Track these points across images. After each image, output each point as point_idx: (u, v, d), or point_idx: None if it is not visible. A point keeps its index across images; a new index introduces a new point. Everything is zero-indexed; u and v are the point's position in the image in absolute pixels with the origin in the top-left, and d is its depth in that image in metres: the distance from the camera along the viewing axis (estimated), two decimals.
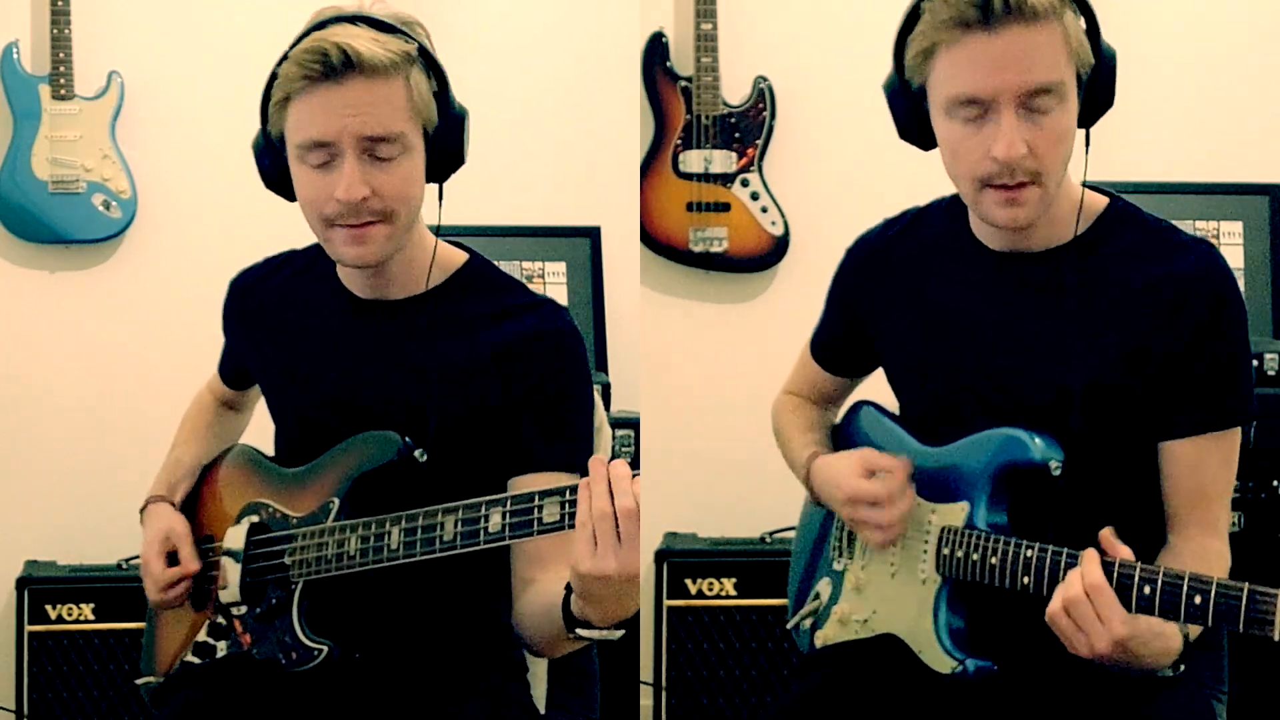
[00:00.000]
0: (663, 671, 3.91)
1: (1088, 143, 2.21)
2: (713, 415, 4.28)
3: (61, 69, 4.06)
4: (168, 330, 4.15)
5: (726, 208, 4.18)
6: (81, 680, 3.87)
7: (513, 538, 2.06)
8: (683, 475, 4.20)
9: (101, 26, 4.14)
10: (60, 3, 4.03)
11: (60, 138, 4.08)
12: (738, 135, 4.18)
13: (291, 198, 2.31)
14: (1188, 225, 3.90)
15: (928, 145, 2.25)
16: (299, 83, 2.18)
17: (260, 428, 2.61)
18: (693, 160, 4.17)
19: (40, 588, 3.88)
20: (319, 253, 2.43)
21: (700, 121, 4.17)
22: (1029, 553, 2.13)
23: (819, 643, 2.44)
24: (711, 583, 3.93)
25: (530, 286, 2.42)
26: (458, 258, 2.39)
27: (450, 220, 2.33)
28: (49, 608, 3.86)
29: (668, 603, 3.92)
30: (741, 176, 4.18)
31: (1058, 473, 2.19)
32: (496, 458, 2.27)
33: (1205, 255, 2.21)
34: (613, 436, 2.71)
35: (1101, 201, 2.28)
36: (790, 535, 2.63)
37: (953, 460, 2.29)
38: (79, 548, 4.04)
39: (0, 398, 4.18)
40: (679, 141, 4.17)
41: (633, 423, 3.83)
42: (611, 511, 1.93)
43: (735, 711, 3.91)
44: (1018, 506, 2.25)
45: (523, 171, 4.23)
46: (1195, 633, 2.14)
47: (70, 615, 3.87)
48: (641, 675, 3.93)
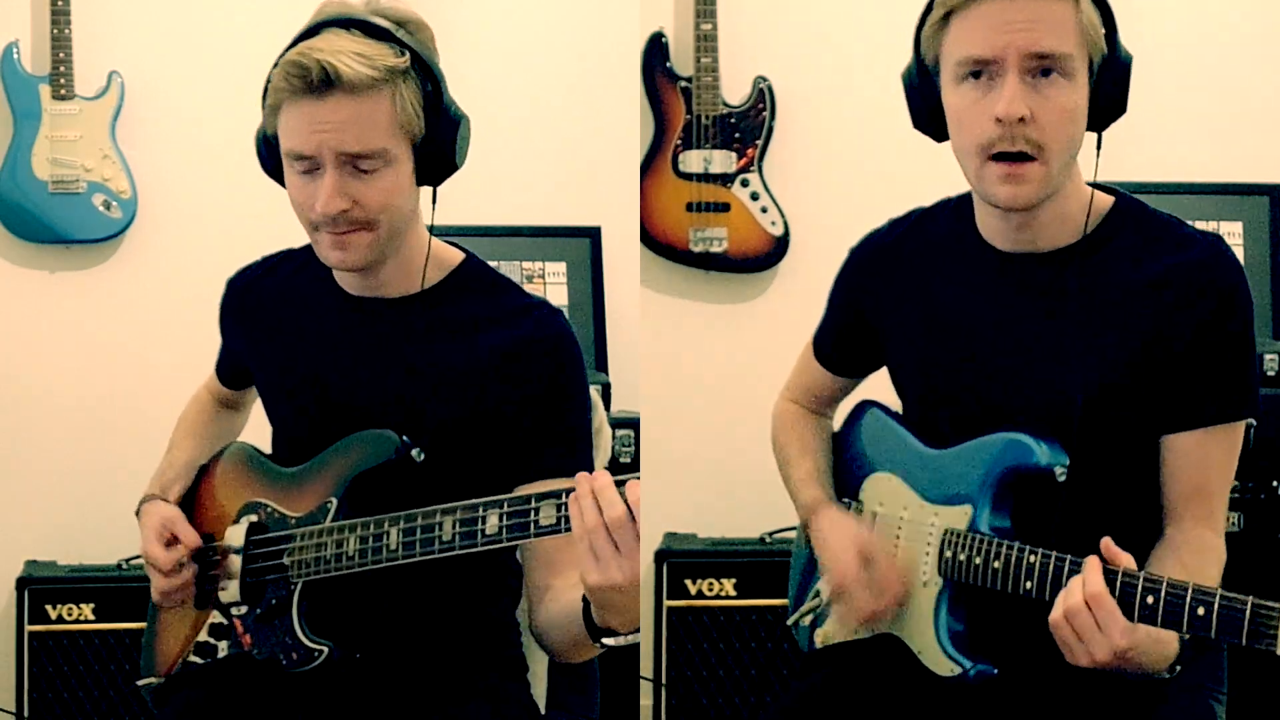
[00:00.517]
0: (663, 671, 3.91)
1: (1099, 146, 2.21)
2: (713, 415, 4.28)
3: (61, 69, 4.06)
4: (168, 330, 4.15)
5: (726, 208, 4.18)
6: (81, 680, 3.87)
7: (510, 540, 2.06)
8: (683, 475, 4.20)
9: (101, 26, 4.14)
10: (60, 3, 4.03)
11: (60, 138, 4.08)
12: (738, 135, 4.18)
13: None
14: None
15: (941, 135, 2.25)
16: (284, 93, 2.19)
17: (257, 427, 2.60)
18: (693, 160, 4.17)
19: (40, 588, 3.88)
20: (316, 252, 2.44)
21: (700, 121, 4.17)
22: (1031, 558, 2.12)
23: (819, 641, 2.44)
24: (711, 583, 3.93)
25: (531, 286, 2.42)
26: (454, 257, 2.39)
27: (451, 220, 2.33)
28: (49, 608, 3.86)
29: (668, 603, 3.93)
30: (741, 176, 4.17)
31: (1063, 478, 2.18)
32: (495, 460, 2.27)
33: (1212, 247, 2.20)
34: (613, 436, 2.70)
35: (1108, 200, 2.28)
36: (790, 535, 2.63)
37: (956, 463, 2.29)
38: (79, 548, 4.04)
39: (0, 398, 4.19)
40: (679, 141, 4.17)
41: (633, 423, 3.83)
42: (601, 523, 1.94)
43: (735, 711, 3.91)
44: (1021, 511, 2.24)
45: (523, 171, 4.23)
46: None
47: (70, 615, 3.87)
48: (641, 675, 3.93)
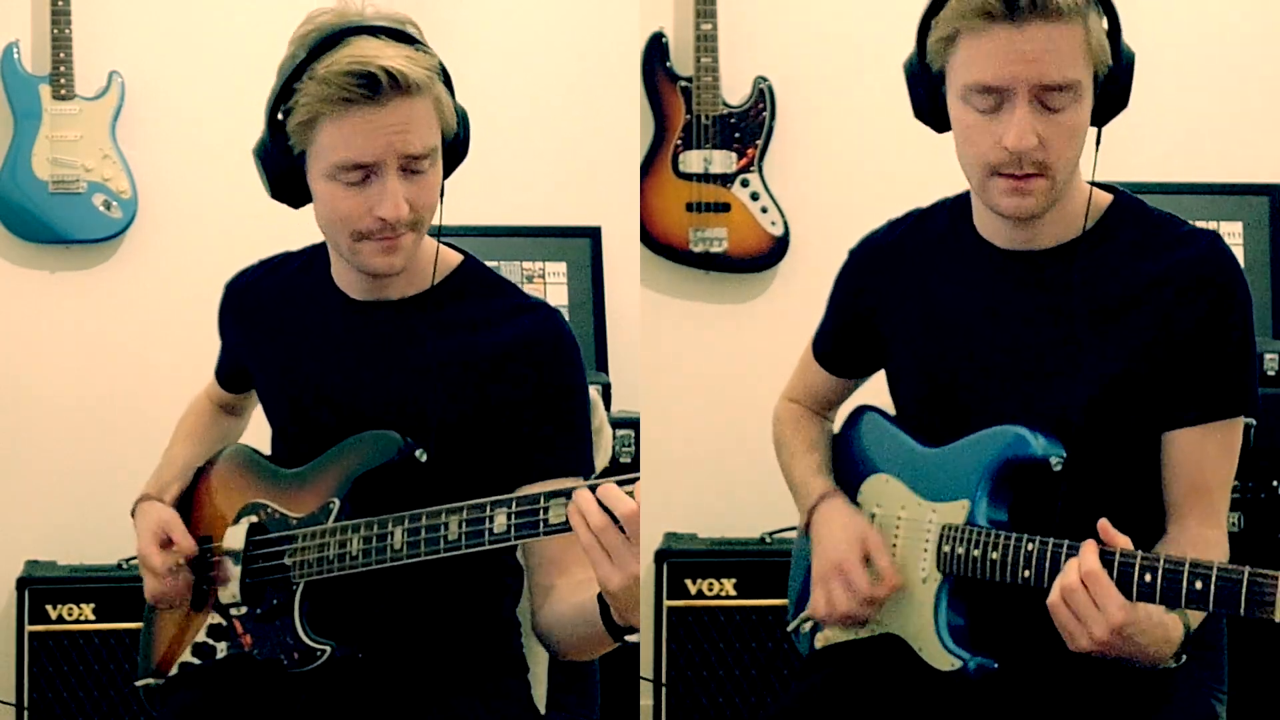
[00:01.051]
0: (663, 672, 3.91)
1: (1098, 141, 2.22)
2: (713, 415, 4.28)
3: (62, 69, 4.06)
4: (168, 330, 4.15)
5: (726, 208, 4.18)
6: (81, 680, 3.87)
7: (518, 539, 2.06)
8: (683, 475, 4.20)
9: (102, 26, 4.14)
10: (60, 3, 4.03)
11: (61, 138, 4.09)
12: (738, 135, 4.18)
13: (297, 205, 2.30)
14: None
15: (941, 128, 2.26)
16: (333, 105, 2.15)
17: (256, 429, 2.61)
18: (693, 160, 4.17)
19: (40, 588, 3.88)
20: (315, 254, 2.43)
21: (700, 121, 4.17)
22: (1029, 546, 2.13)
23: (819, 644, 2.43)
24: (711, 583, 3.93)
25: (531, 286, 2.42)
26: (453, 259, 2.39)
27: (450, 220, 2.33)
28: (49, 608, 3.86)
29: (668, 603, 3.93)
30: (741, 176, 4.18)
31: (1059, 468, 2.19)
32: (496, 460, 2.26)
33: (1210, 246, 2.21)
34: (613, 436, 2.70)
35: (1106, 198, 2.28)
36: (791, 535, 2.63)
37: (953, 459, 2.30)
38: (79, 548, 4.04)
39: (0, 398, 4.19)
40: (679, 141, 4.17)
41: (633, 423, 3.83)
42: (610, 521, 1.94)
43: (735, 711, 3.91)
44: (1019, 503, 2.25)
45: (523, 171, 4.23)
46: (1196, 622, 2.14)
47: (70, 615, 3.87)
48: (641, 675, 3.93)
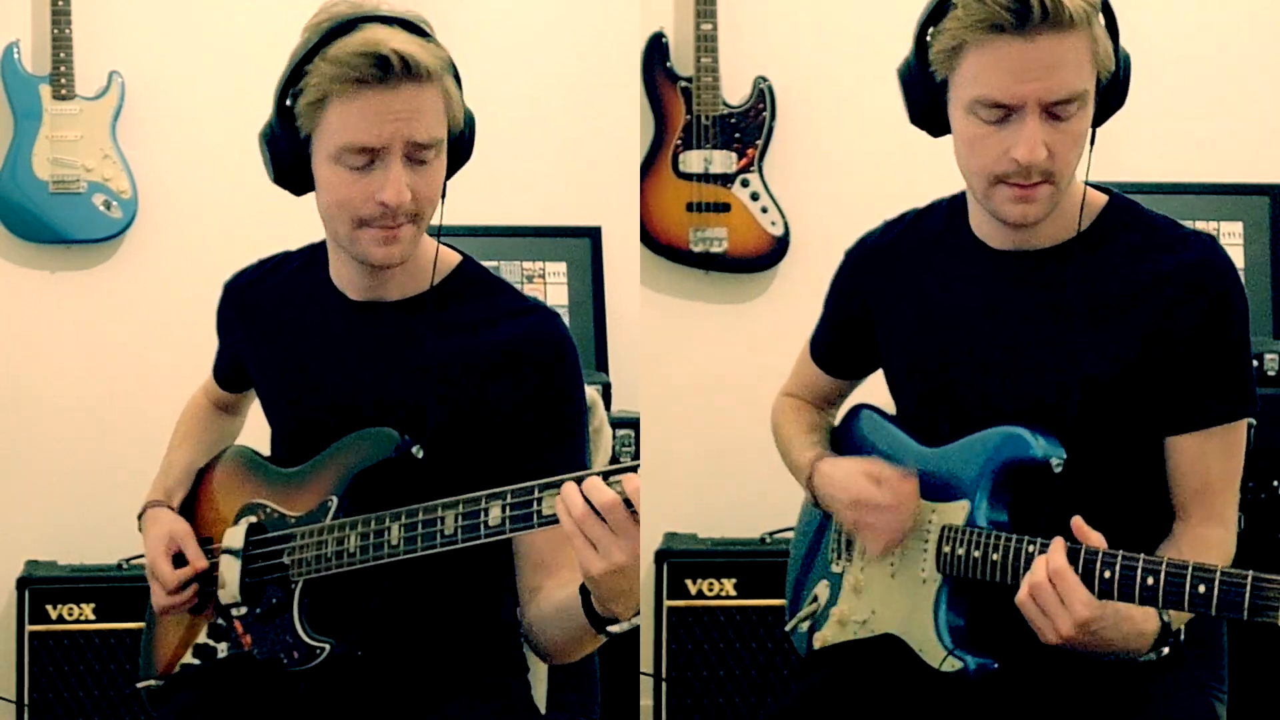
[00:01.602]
0: (663, 672, 3.91)
1: (1092, 141, 2.21)
2: (713, 415, 4.28)
3: (62, 69, 4.06)
4: (168, 330, 4.15)
5: (726, 208, 4.18)
6: (82, 680, 3.87)
7: (513, 530, 2.05)
8: (683, 475, 4.20)
9: (102, 26, 4.14)
10: (61, 2, 4.03)
11: (61, 138, 4.08)
12: (738, 135, 4.18)
13: (299, 192, 2.29)
14: (1187, 225, 3.91)
15: (939, 132, 2.26)
16: (343, 85, 2.15)
17: (256, 429, 2.61)
18: (693, 160, 4.17)
19: (40, 588, 3.88)
20: (313, 254, 2.43)
21: (700, 122, 4.17)
22: (1030, 548, 2.13)
23: (818, 644, 2.44)
24: (711, 583, 3.93)
25: (531, 286, 2.42)
26: (452, 260, 2.38)
27: (451, 220, 2.33)
28: (49, 608, 3.86)
29: (668, 603, 3.93)
30: (741, 176, 4.18)
31: (1059, 470, 2.19)
32: (493, 462, 2.25)
33: (1206, 248, 2.21)
34: (613, 436, 2.70)
35: (1101, 199, 2.29)
36: (790, 535, 2.63)
37: (953, 460, 2.30)
38: (79, 548, 4.04)
39: (0, 398, 4.19)
40: (679, 142, 4.17)
41: (633, 423, 3.83)
42: (590, 510, 1.94)
43: (735, 711, 3.91)
44: (1019, 504, 2.25)
45: (523, 171, 4.22)
46: (1178, 617, 2.14)
47: (70, 615, 3.87)
48: (641, 676, 3.93)
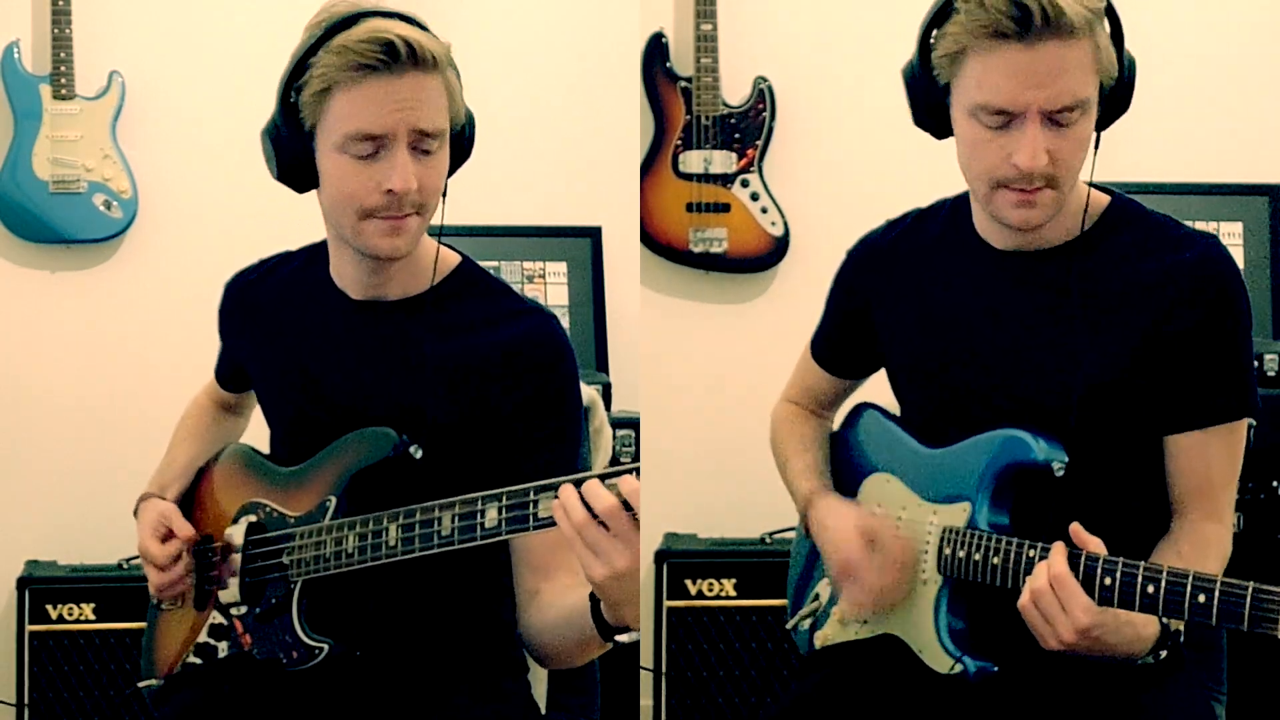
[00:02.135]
0: (663, 672, 3.91)
1: (1096, 144, 2.21)
2: (713, 415, 4.28)
3: (62, 69, 4.06)
4: (168, 330, 4.15)
5: (726, 208, 4.19)
6: (82, 680, 3.87)
7: (509, 533, 2.05)
8: (683, 475, 4.20)
9: (102, 26, 4.14)
10: (61, 2, 4.04)
11: (61, 137, 4.09)
12: (738, 135, 4.18)
13: (301, 189, 2.29)
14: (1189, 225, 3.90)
15: (941, 134, 2.26)
16: (350, 73, 2.15)
17: (257, 430, 2.60)
18: (693, 160, 4.17)
19: (41, 588, 3.88)
20: (314, 254, 2.43)
21: (700, 122, 4.17)
22: (1031, 552, 2.13)
23: (818, 643, 2.44)
24: (711, 583, 3.93)
25: (531, 286, 2.42)
26: (451, 260, 2.38)
27: (451, 220, 2.33)
28: (49, 607, 3.87)
29: (668, 603, 3.93)
30: (741, 177, 4.18)
31: (1060, 473, 2.19)
32: (491, 463, 2.25)
33: (1209, 247, 2.21)
34: (613, 436, 2.71)
35: (1104, 199, 2.29)
36: (790, 535, 2.63)
37: (954, 461, 2.30)
38: (79, 548, 4.04)
39: (0, 397, 4.19)
40: (679, 142, 4.17)
41: (633, 423, 3.83)
42: (589, 517, 1.93)
43: (735, 711, 3.91)
44: (1020, 507, 2.25)
45: (523, 172, 4.23)
46: (1178, 622, 2.15)
47: (70, 615, 3.87)
48: (641, 676, 3.93)
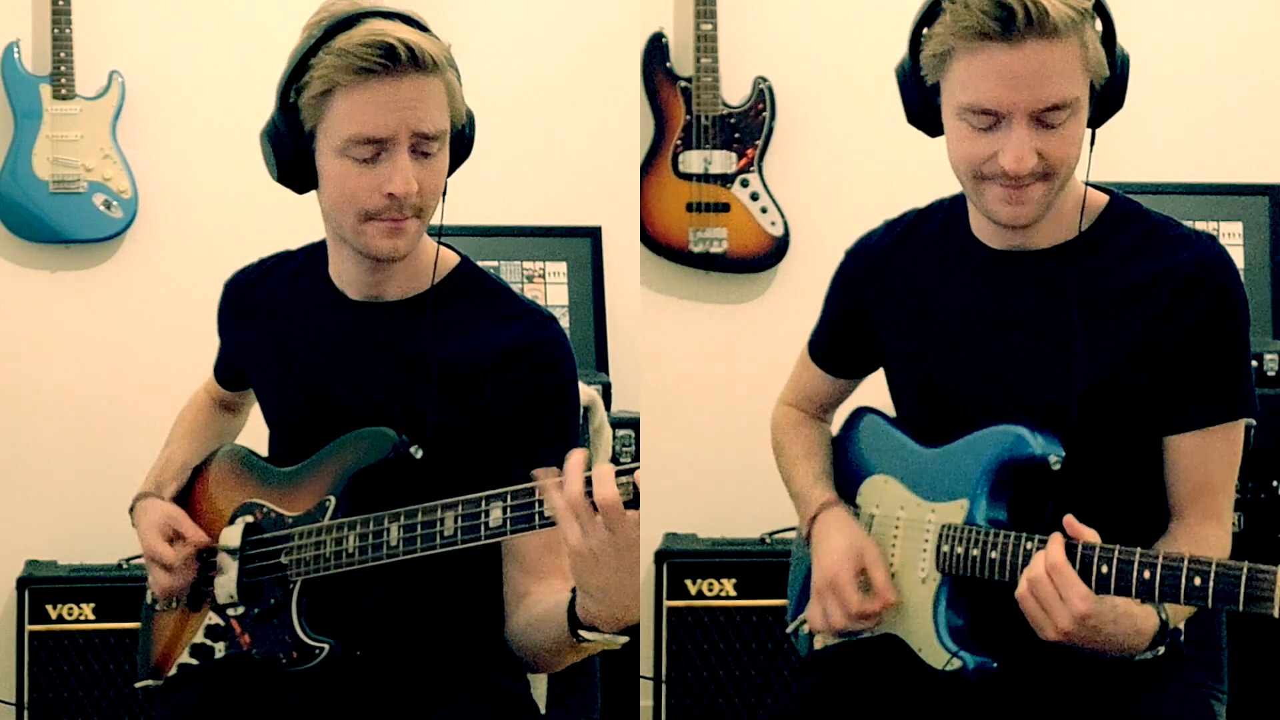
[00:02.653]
0: (663, 672, 3.91)
1: (1092, 142, 2.21)
2: (713, 415, 4.28)
3: (62, 69, 4.06)
4: (168, 330, 4.15)
5: (726, 208, 4.19)
6: (81, 680, 3.87)
7: (514, 531, 2.05)
8: (683, 475, 4.20)
9: (102, 26, 4.14)
10: (61, 2, 4.03)
11: (61, 137, 4.08)
12: (737, 136, 4.18)
13: (301, 190, 2.29)
14: (1188, 225, 3.90)
15: (934, 133, 2.26)
16: (350, 75, 2.15)
17: (255, 432, 2.61)
18: (693, 160, 4.17)
19: (40, 588, 3.88)
20: (313, 254, 2.43)
21: (700, 122, 4.17)
22: (1029, 545, 2.14)
23: (818, 645, 2.44)
24: (711, 583, 3.93)
25: (531, 286, 2.42)
26: (450, 261, 2.38)
27: (451, 220, 2.33)
28: (49, 608, 3.87)
29: (668, 603, 3.93)
30: (741, 177, 4.18)
31: (1057, 467, 2.19)
32: (489, 465, 2.25)
33: (1207, 248, 2.21)
34: (613, 436, 2.71)
35: (1102, 199, 2.29)
36: (791, 535, 2.63)
37: (952, 459, 2.30)
38: (79, 548, 4.05)
39: (0, 397, 4.19)
40: (679, 142, 4.17)
41: (633, 423, 3.83)
42: (583, 497, 1.94)
43: (735, 711, 3.91)
44: (1017, 502, 2.25)
45: (523, 172, 4.23)
46: (1179, 616, 2.16)
47: (70, 615, 3.87)
48: (641, 677, 3.93)
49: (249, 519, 2.36)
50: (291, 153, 2.25)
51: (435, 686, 2.30)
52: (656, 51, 4.19)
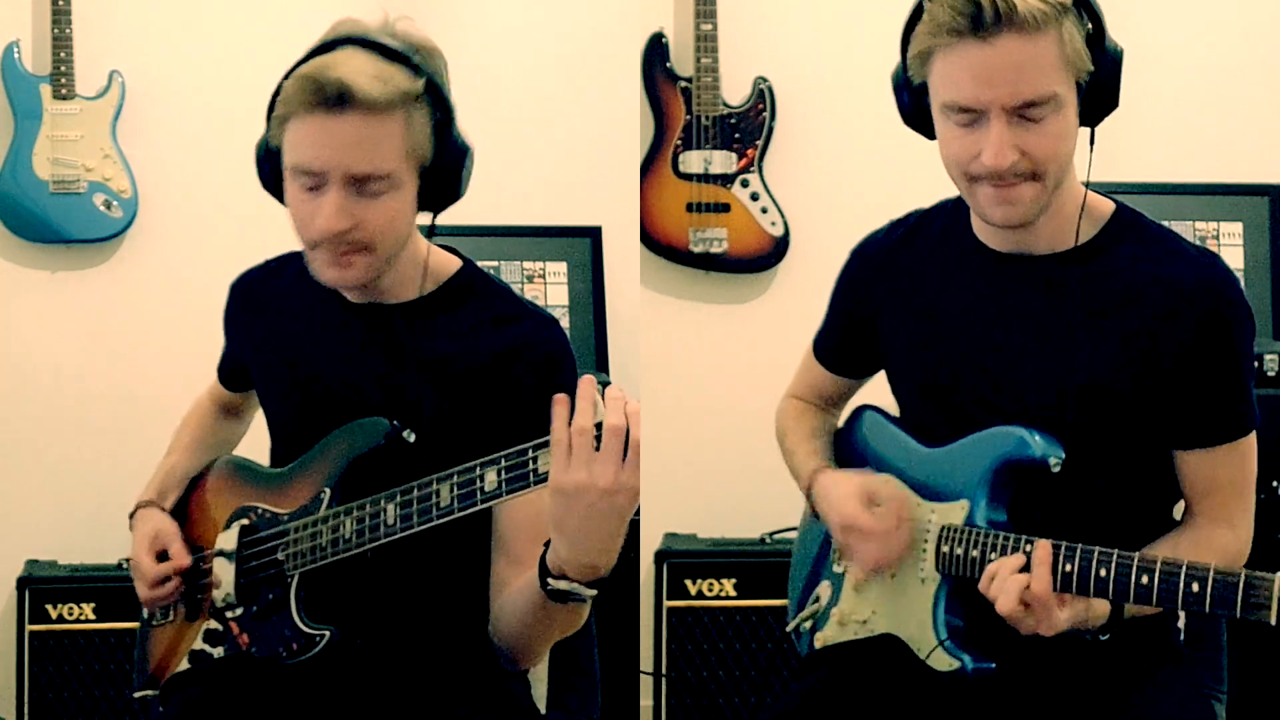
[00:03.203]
0: (663, 672, 3.91)
1: (1091, 142, 2.21)
2: (713, 415, 4.28)
3: (62, 68, 4.06)
4: (168, 330, 4.15)
5: (726, 208, 4.18)
6: (82, 680, 3.87)
7: (510, 493, 2.03)
8: (683, 475, 4.20)
9: (102, 26, 4.13)
10: (61, 2, 4.03)
11: (61, 137, 4.08)
12: (738, 136, 4.18)
13: (282, 201, 2.29)
14: (1188, 226, 3.92)
15: (932, 134, 2.26)
16: (296, 106, 2.17)
17: (255, 443, 2.61)
18: (693, 161, 4.17)
19: (41, 588, 3.88)
20: None
21: (700, 122, 4.17)
22: (1029, 547, 2.13)
23: (818, 644, 2.44)
24: (711, 583, 3.93)
25: (531, 286, 2.42)
26: (451, 265, 2.39)
27: (452, 220, 2.33)
28: (49, 607, 3.87)
29: (668, 604, 3.92)
30: (741, 177, 4.18)
31: (1057, 469, 2.20)
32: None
33: (1209, 266, 2.21)
34: None
35: (1107, 207, 2.29)
36: (791, 535, 2.63)
37: (953, 460, 2.31)
38: (79, 548, 4.05)
39: (1, 397, 4.18)
40: (679, 142, 4.17)
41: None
42: (590, 427, 1.90)
43: (735, 712, 3.91)
44: (1017, 504, 2.25)
45: (524, 172, 4.22)
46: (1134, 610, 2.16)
47: (70, 615, 3.88)
48: (641, 676, 3.93)
49: (244, 522, 2.37)
50: (267, 166, 2.28)
51: (435, 685, 2.30)
52: (656, 52, 4.19)
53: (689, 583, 3.94)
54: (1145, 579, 2.00)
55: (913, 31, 2.18)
